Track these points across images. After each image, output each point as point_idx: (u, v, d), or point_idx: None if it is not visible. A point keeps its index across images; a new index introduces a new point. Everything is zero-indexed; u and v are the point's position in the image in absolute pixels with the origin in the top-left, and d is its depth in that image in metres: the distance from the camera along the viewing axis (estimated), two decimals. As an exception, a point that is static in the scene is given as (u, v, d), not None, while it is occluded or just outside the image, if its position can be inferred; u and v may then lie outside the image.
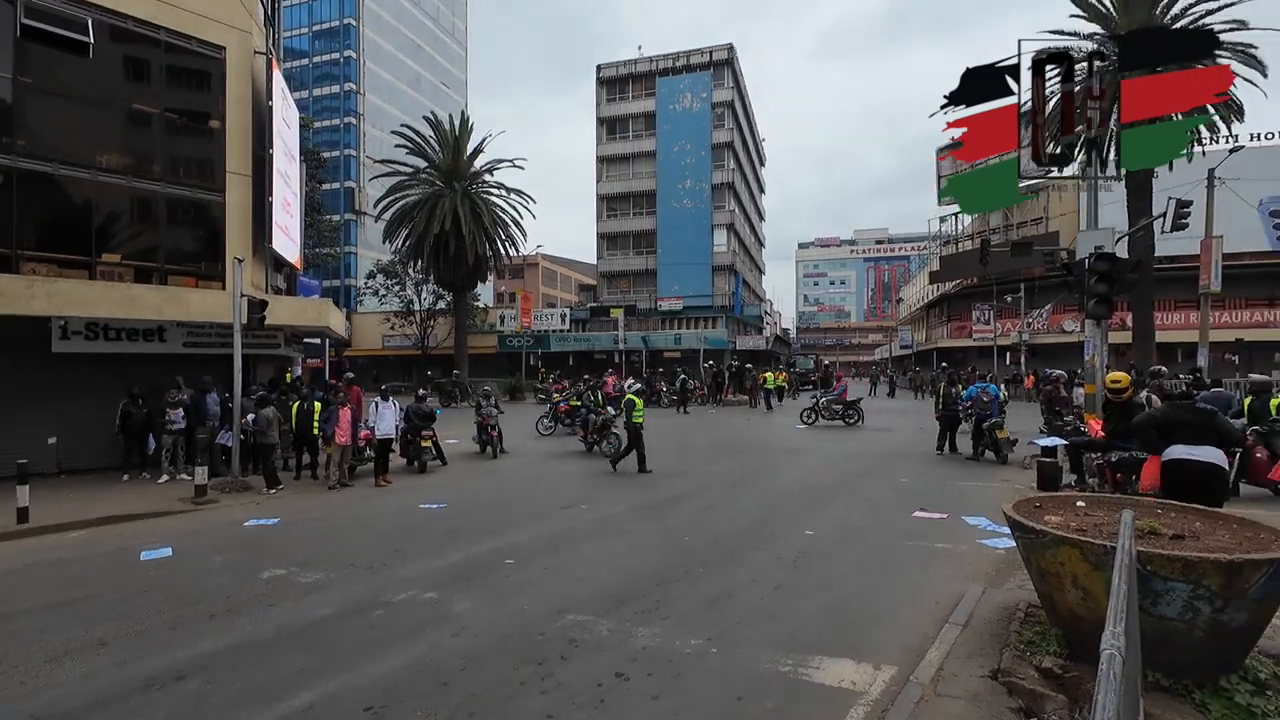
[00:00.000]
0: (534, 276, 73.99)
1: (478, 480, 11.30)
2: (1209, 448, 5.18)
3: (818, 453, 13.91)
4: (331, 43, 57.54)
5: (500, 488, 10.51)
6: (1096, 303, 10.08)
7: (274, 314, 11.89)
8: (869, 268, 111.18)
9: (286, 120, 14.80)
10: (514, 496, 9.70)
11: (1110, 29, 23.53)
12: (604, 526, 7.69)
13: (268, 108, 13.19)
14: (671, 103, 44.66)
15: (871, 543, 6.76)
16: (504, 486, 10.61)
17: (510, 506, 8.96)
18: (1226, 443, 5.25)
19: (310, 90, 57.23)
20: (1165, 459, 5.51)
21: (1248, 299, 30.78)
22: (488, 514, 8.54)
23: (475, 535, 7.36)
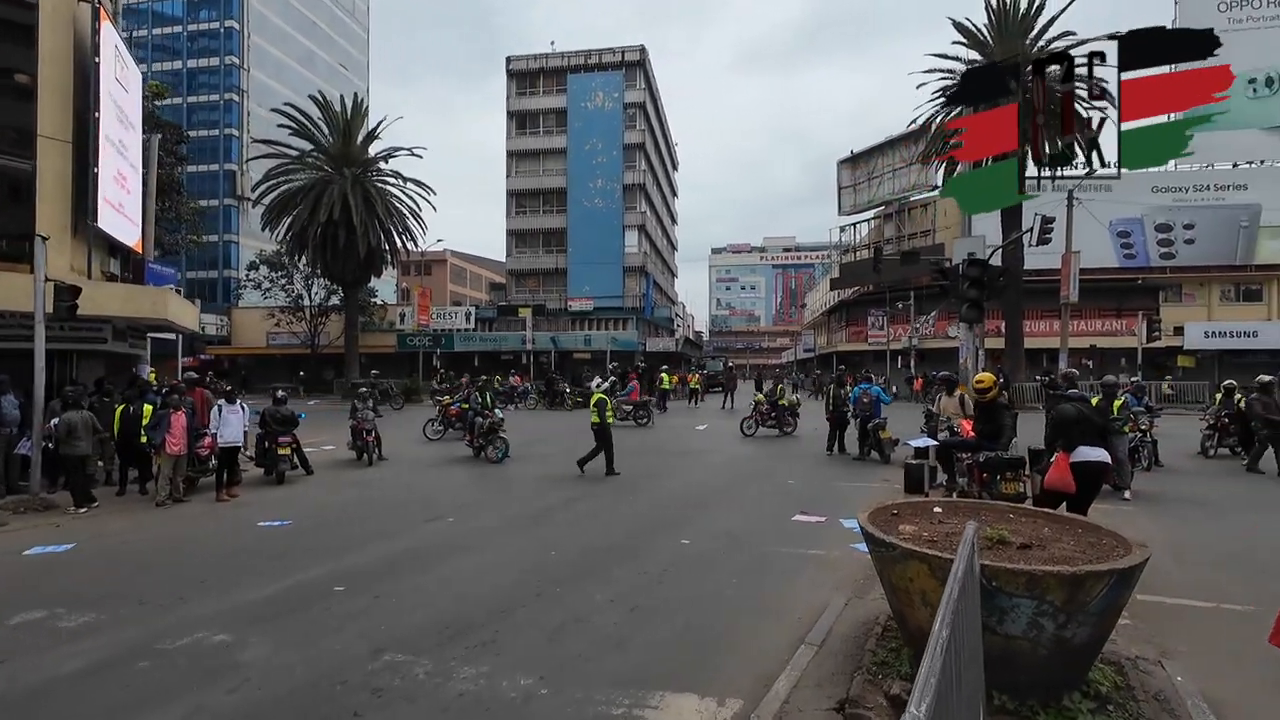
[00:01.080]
0: (441, 274, 71.02)
1: (340, 492, 10.18)
2: (1100, 448, 5.63)
3: (715, 454, 13.75)
4: (210, 10, 52.47)
5: (363, 500, 9.49)
6: (969, 307, 10.43)
7: (94, 303, 10.22)
8: (778, 274, 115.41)
9: (123, 83, 12.90)
10: (375, 510, 8.73)
11: (987, 55, 25.35)
12: (465, 542, 6.96)
13: (94, 65, 11.36)
14: (583, 100, 44.06)
15: (746, 551, 6.46)
16: (368, 498, 9.59)
17: (366, 522, 8.01)
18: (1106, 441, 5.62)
19: (185, 61, 51.93)
20: (1074, 460, 5.58)
21: (1100, 310, 34.11)
22: (336, 531, 7.57)
23: (310, 558, 6.41)
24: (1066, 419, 5.66)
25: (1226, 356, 32.35)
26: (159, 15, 53.24)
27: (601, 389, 12.08)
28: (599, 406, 11.25)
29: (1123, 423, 9.18)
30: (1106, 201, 30.26)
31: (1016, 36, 24.34)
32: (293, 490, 10.35)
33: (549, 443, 16.06)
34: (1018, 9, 24.23)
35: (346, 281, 31.21)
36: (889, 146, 42.15)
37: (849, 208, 46.79)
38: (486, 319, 44.20)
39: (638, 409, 20.89)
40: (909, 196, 41.34)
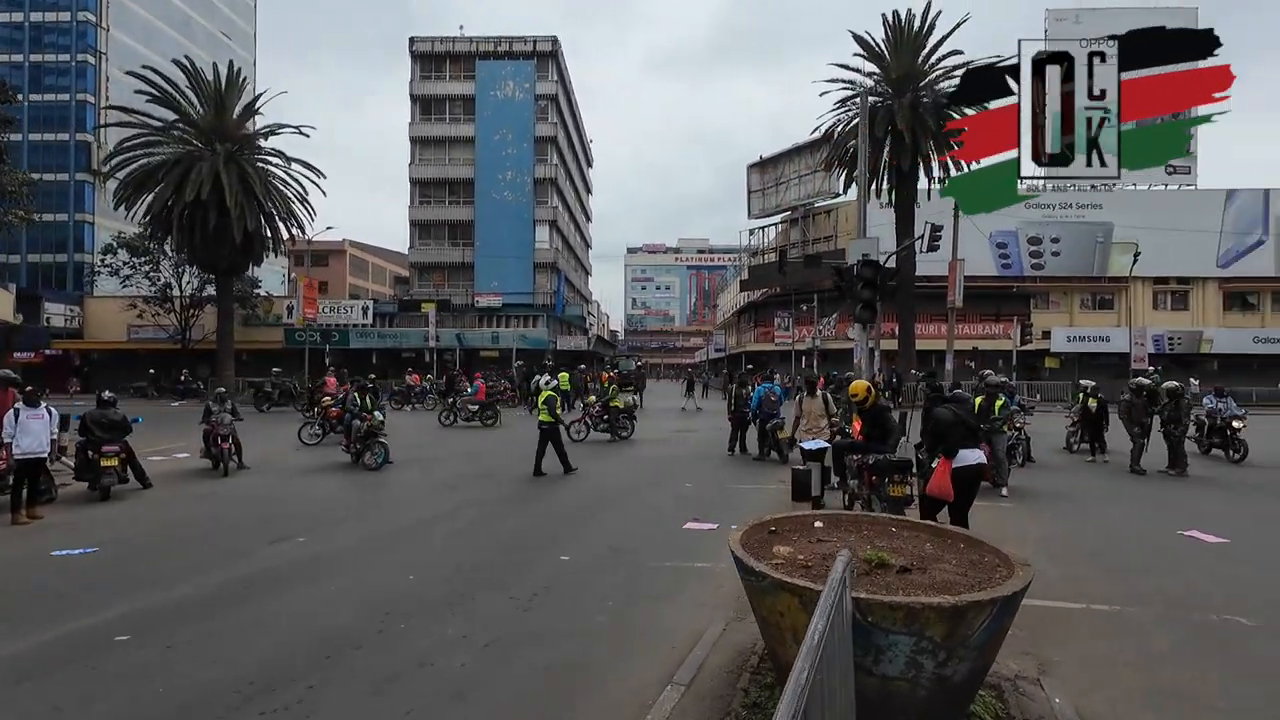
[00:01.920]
0: (340, 265, 66.49)
1: (177, 510, 8.78)
2: (976, 448, 5.62)
3: (616, 458, 13.25)
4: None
5: (202, 519, 8.19)
6: (862, 307, 10.54)
7: None
8: (692, 275, 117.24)
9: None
10: (213, 530, 7.52)
11: (884, 69, 26.52)
12: (311, 568, 6.02)
13: None
14: (492, 88, 42.42)
15: (629, 567, 5.95)
16: (210, 517, 8.30)
17: (196, 546, 6.84)
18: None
19: (27, 14, 45.39)
20: (955, 465, 5.43)
21: (981, 314, 36.75)
22: (153, 560, 6.37)
23: (103, 597, 5.27)
24: (947, 423, 5.56)
25: (1085, 358, 35.75)
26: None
27: (551, 386, 11.58)
28: (549, 404, 10.84)
29: (1002, 422, 9.50)
30: (988, 214, 32.53)
31: (910, 53, 25.57)
32: (117, 509, 8.83)
33: (441, 446, 15.00)
34: (911, 27, 25.45)
35: (219, 269, 28.17)
36: (795, 153, 43.48)
37: (758, 211, 47.92)
38: (386, 314, 41.66)
39: (484, 409, 19.80)
40: (814, 202, 42.83)
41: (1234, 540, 7.02)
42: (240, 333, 38.42)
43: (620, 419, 16.03)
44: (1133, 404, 11.64)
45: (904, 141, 24.16)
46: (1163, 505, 8.90)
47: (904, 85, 25.41)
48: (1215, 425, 13.08)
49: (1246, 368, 35.75)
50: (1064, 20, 39.86)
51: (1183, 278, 37.52)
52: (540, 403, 11.12)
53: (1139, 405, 11.57)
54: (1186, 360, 34.87)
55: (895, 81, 25.68)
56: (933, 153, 24.93)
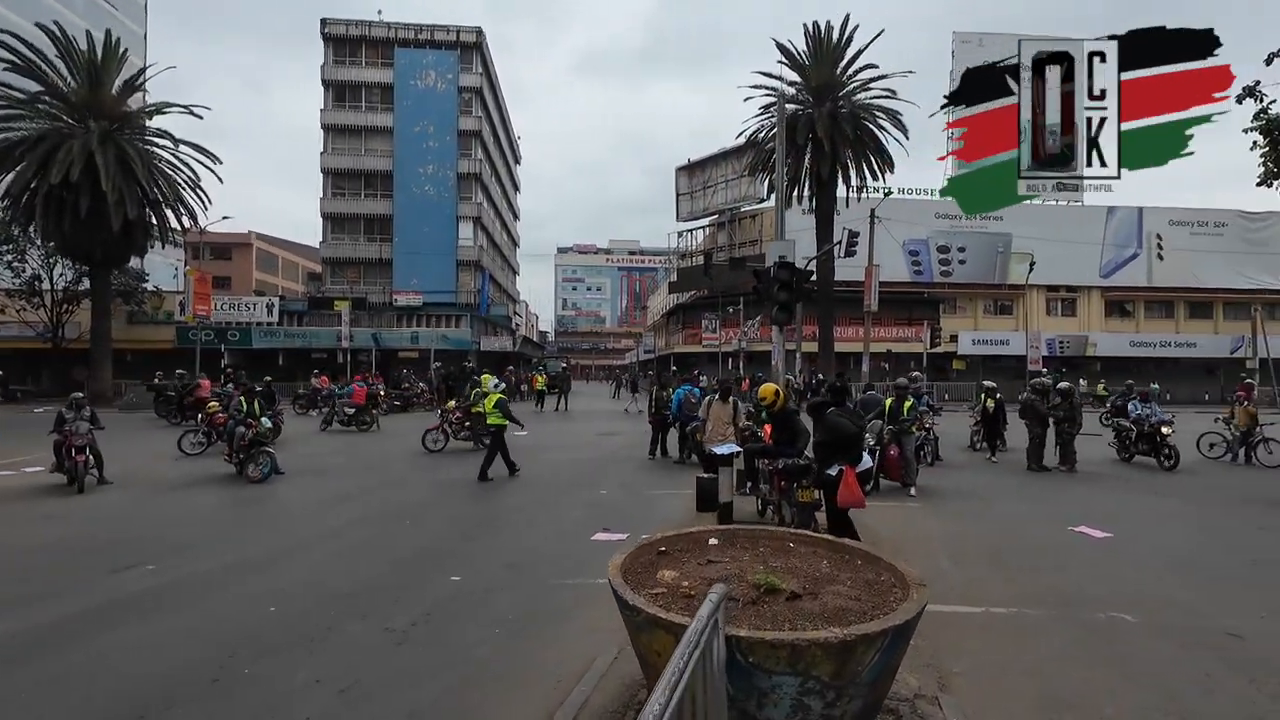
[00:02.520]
0: (245, 259, 62.07)
1: (8, 534, 7.56)
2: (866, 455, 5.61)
3: (534, 464, 12.69)
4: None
5: (39, 545, 7.05)
6: (779, 309, 10.50)
7: None
8: (623, 276, 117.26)
9: None
10: (45, 559, 6.46)
11: (805, 78, 27.17)
12: (151, 601, 5.21)
13: None
14: (413, 77, 40.61)
15: (525, 587, 5.50)
16: (48, 542, 7.16)
17: (20, 579, 5.82)
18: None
19: None
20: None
21: (895, 318, 38.48)
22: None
23: None
24: (851, 435, 5.45)
25: (988, 360, 38.10)
26: None
27: (500, 389, 11.39)
28: (500, 407, 10.70)
29: (911, 423, 9.68)
30: (901, 222, 34.08)
31: (829, 64, 26.31)
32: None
33: (343, 454, 13.94)
34: (831, 39, 26.19)
35: (94, 260, 25.34)
36: (722, 158, 44.08)
37: (686, 214, 48.28)
38: (295, 312, 39.05)
39: (359, 414, 18.46)
40: (740, 207, 43.56)
41: (1117, 535, 7.35)
42: (125, 331, 34.92)
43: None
44: (1033, 404, 12.11)
45: (823, 149, 24.79)
46: (1056, 501, 9.31)
47: (824, 94, 26.11)
48: (1143, 431, 12.50)
49: (1125, 369, 39.14)
50: (969, 43, 42.50)
51: (1071, 286, 40.70)
52: (490, 405, 10.90)
53: (1039, 405, 12.04)
54: (1074, 362, 37.82)
55: (815, 90, 26.35)
56: (850, 161, 25.74)
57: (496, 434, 10.70)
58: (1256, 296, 40.34)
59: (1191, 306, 41.83)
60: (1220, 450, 13.71)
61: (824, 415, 5.62)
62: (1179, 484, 10.90)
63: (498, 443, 10.68)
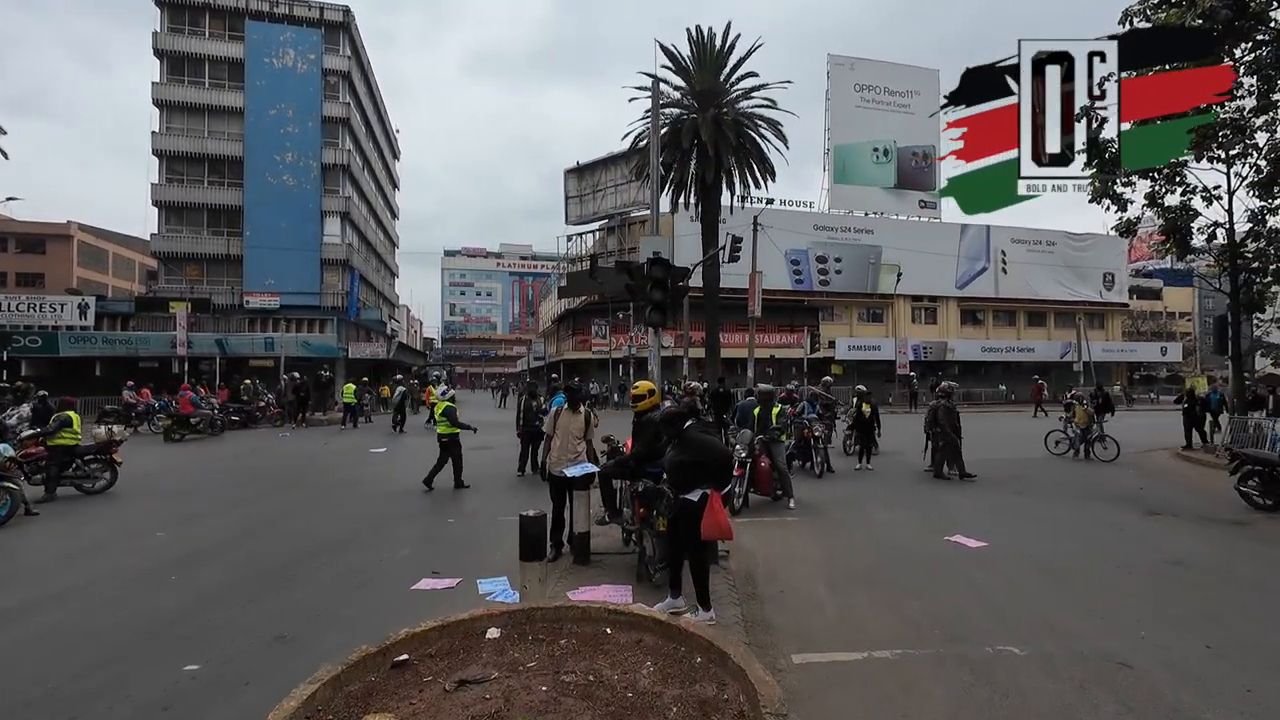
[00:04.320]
0: (64, 253, 53.50)
1: None
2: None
3: (373, 484, 10.95)
4: None
5: None
6: (653, 310, 9.60)
7: None
8: (515, 281, 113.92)
9: None
10: None
11: (689, 82, 27.04)
12: None
13: None
14: (267, 55, 36.43)
15: (282, 676, 4.06)
16: None
17: None
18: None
19: None
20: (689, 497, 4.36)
21: (778, 325, 39.58)
22: None
23: None
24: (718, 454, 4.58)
25: (863, 364, 40.15)
26: None
27: (448, 397, 11.29)
28: (447, 415, 10.43)
29: (781, 431, 9.10)
30: (783, 231, 35.03)
31: (712, 70, 26.33)
32: None
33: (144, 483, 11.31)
34: (714, 45, 26.24)
35: None
36: (611, 162, 43.51)
37: (575, 218, 47.24)
38: (119, 314, 33.62)
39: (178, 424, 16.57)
40: (629, 211, 43.17)
41: (992, 542, 7.08)
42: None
43: (69, 463, 10.04)
44: (943, 408, 11.43)
45: (708, 155, 24.67)
46: (928, 508, 9.08)
47: (707, 100, 26.07)
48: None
49: (977, 372, 42.87)
50: (842, 65, 44.93)
51: (933, 296, 43.97)
52: (439, 414, 10.77)
53: (945, 409, 11.40)
54: (937, 366, 40.76)
55: (699, 96, 26.27)
56: (734, 167, 25.85)
57: (448, 443, 10.44)
58: (1079, 307, 45.72)
59: (1029, 315, 46.64)
60: (1064, 447, 14.60)
61: (684, 431, 4.68)
62: (1035, 482, 11.21)
63: (448, 452, 10.43)
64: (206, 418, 19.02)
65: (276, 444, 17.58)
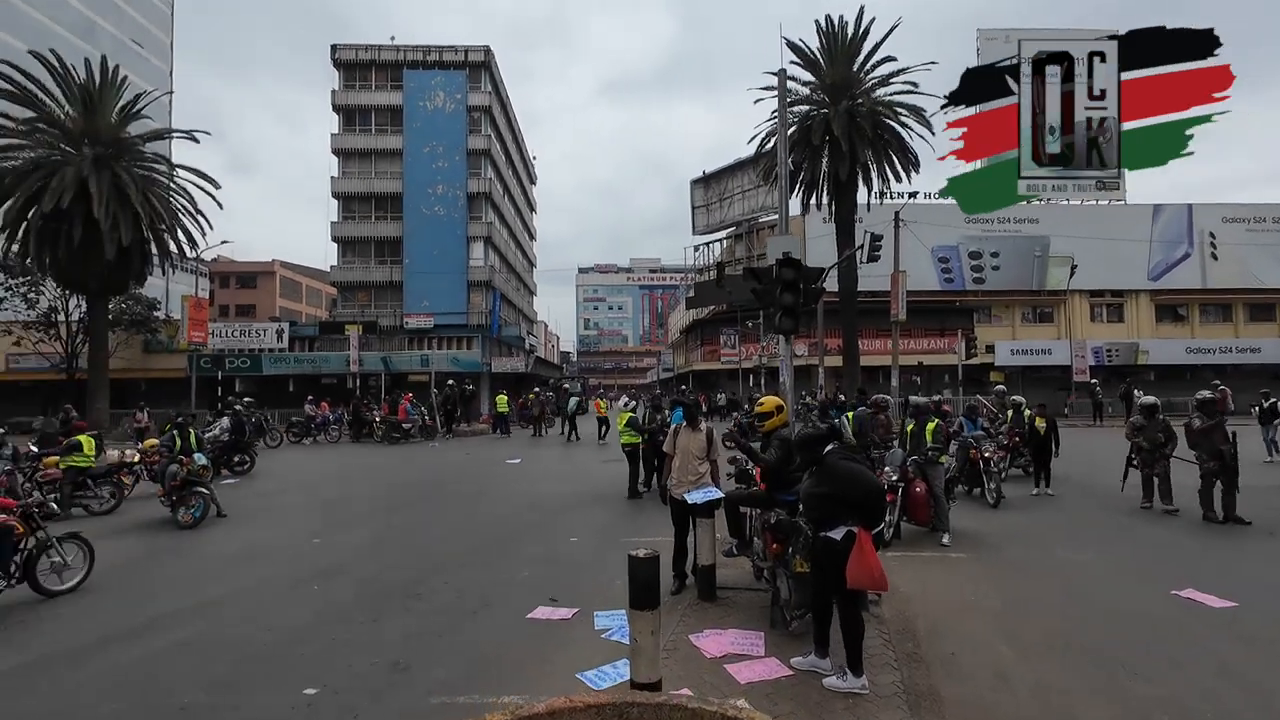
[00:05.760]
0: (269, 286, 62.73)
1: None
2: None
3: (504, 497, 11.15)
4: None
5: None
6: (783, 315, 8.79)
7: None
8: (644, 294, 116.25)
9: None
10: None
11: (819, 76, 25.64)
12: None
13: None
14: (421, 99, 40.25)
15: (395, 706, 3.88)
16: None
17: None
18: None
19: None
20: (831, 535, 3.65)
21: (925, 329, 36.18)
22: None
23: None
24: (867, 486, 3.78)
25: (1028, 371, 35.49)
26: None
27: (629, 408, 11.92)
28: (631, 426, 10.72)
29: (939, 451, 7.81)
30: (929, 225, 32.01)
31: (844, 60, 24.75)
32: None
33: (310, 490, 12.55)
34: (845, 34, 24.67)
35: (91, 289, 24.89)
36: (738, 168, 42.68)
37: (703, 227, 46.91)
38: (307, 337, 38.49)
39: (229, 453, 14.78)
40: (757, 217, 42.02)
41: (1242, 602, 5.44)
42: (140, 360, 34.75)
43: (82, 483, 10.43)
44: (1208, 426, 8.52)
45: (841, 150, 23.14)
46: (1144, 551, 7.35)
47: (840, 93, 24.53)
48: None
49: (1180, 378, 36.02)
50: (994, 39, 40.55)
51: (1117, 290, 37.93)
52: (622, 424, 11.05)
53: (1210, 428, 8.48)
54: (1125, 371, 34.96)
55: (831, 89, 24.80)
56: (871, 162, 24.03)
57: (632, 453, 10.74)
58: (1326, 296, 37.04)
59: (1252, 309, 38.60)
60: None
61: (824, 456, 3.93)
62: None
63: (638, 459, 10.68)
64: (416, 424, 21.79)
65: (427, 454, 18.88)
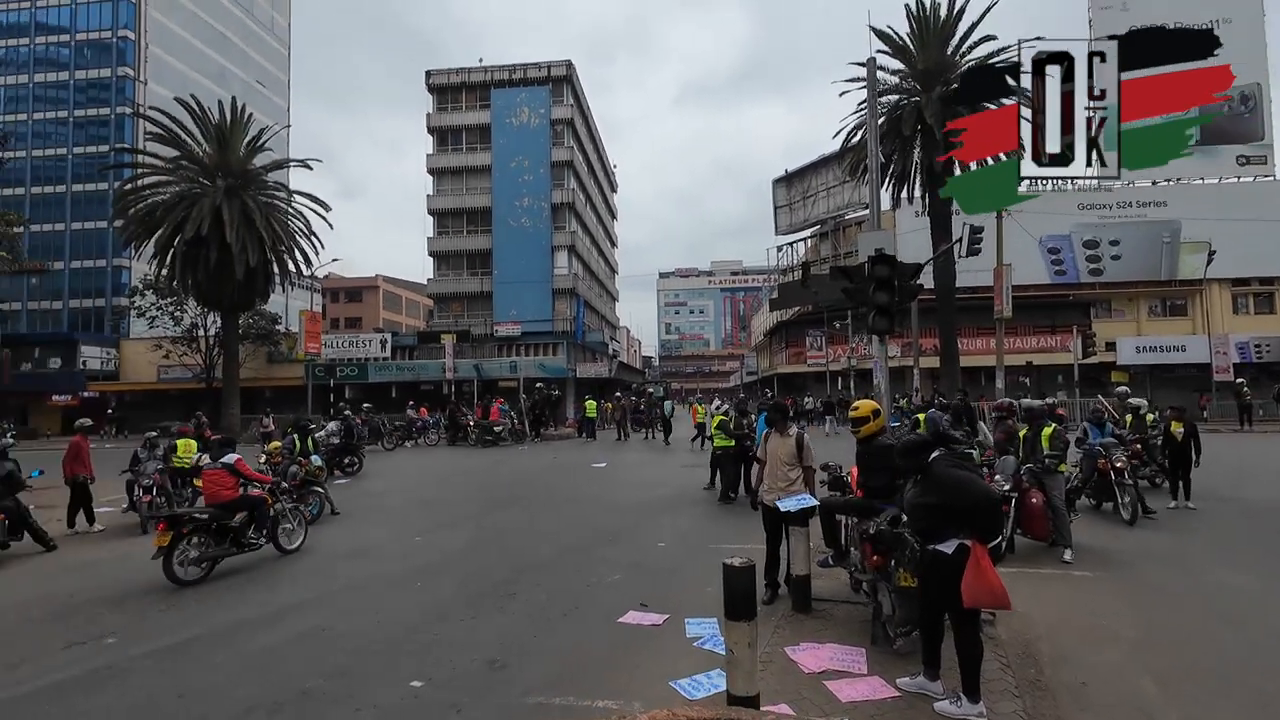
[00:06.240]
0: (373, 300, 67.44)
1: (43, 583, 7.26)
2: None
3: (591, 501, 11.30)
4: (101, 18, 48.45)
5: (42, 600, 6.60)
6: (877, 315, 8.37)
7: None
8: (726, 297, 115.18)
9: None
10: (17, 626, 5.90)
11: (910, 63, 24.41)
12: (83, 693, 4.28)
13: None
14: (508, 116, 41.96)
15: (493, 702, 3.97)
16: (57, 594, 6.72)
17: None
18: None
19: (72, 73, 47.66)
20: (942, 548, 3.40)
21: (1034, 326, 33.49)
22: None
23: None
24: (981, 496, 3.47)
25: (1158, 371, 32.04)
26: (41, 25, 48.97)
27: (721, 411, 11.85)
28: (721, 430, 10.70)
29: (1058, 459, 7.12)
30: (1036, 214, 29.60)
31: (937, 43, 23.43)
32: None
33: (412, 491, 13.29)
34: (938, 17, 23.36)
35: (224, 306, 27.75)
36: (822, 165, 41.47)
37: (785, 227, 45.91)
38: (406, 346, 40.99)
39: (340, 455, 15.26)
40: (843, 215, 40.61)
41: None
42: (265, 370, 38.36)
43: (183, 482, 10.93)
44: None
45: (934, 139, 21.86)
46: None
47: (932, 78, 23.23)
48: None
49: (1354, 376, 31.31)
50: (1109, 8, 37.08)
51: (1266, 278, 33.56)
52: (714, 428, 11.04)
53: None
54: (1277, 370, 30.79)
55: (922, 75, 23.54)
56: (969, 149, 22.55)
57: (722, 456, 10.74)
58: None
59: None
60: None
61: (930, 464, 3.66)
62: None
63: (735, 463, 10.66)
64: (506, 427, 22.78)
65: (517, 457, 19.52)
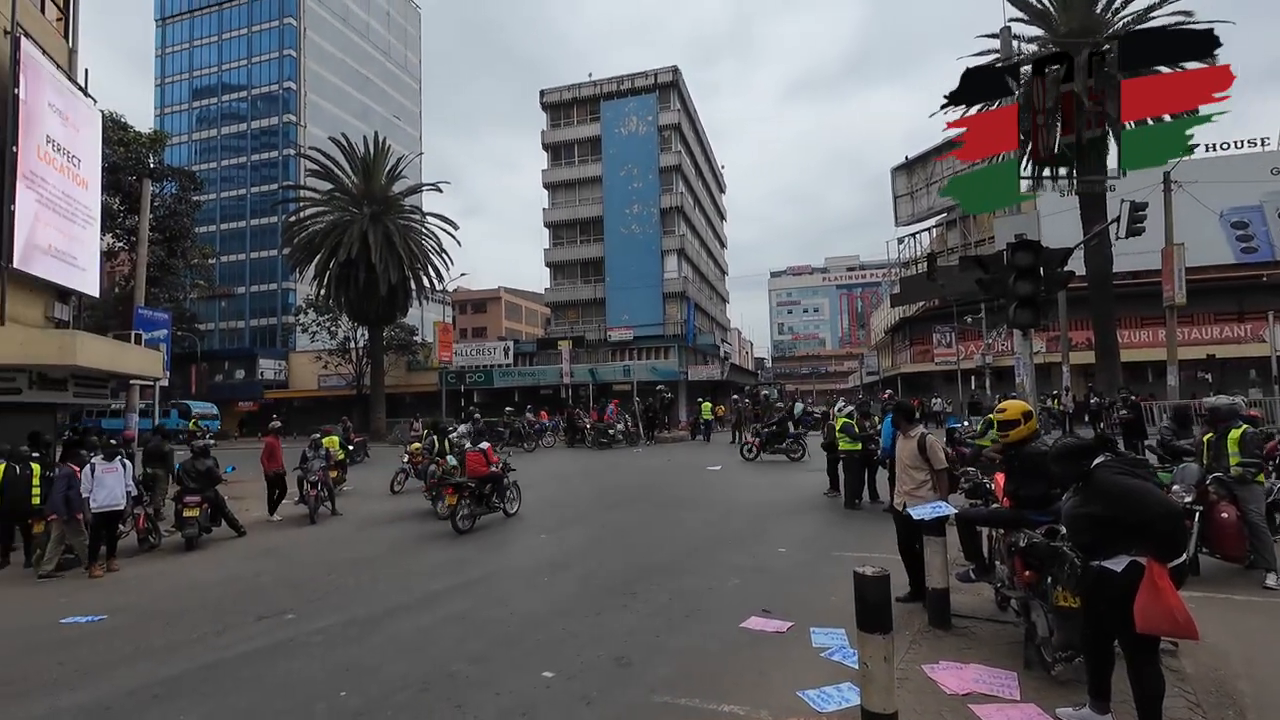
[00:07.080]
0: (496, 311, 71.90)
1: (229, 566, 8.47)
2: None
3: (707, 503, 11.25)
4: (271, 74, 55.83)
5: (234, 580, 7.69)
6: (1019, 307, 7.64)
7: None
8: (841, 295, 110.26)
9: (68, 118, 12.28)
10: (226, 598, 6.89)
11: (1052, 28, 22.10)
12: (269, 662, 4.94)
13: (13, 96, 10.64)
14: (617, 126, 43.03)
15: (623, 700, 4.06)
16: (245, 577, 7.80)
17: (190, 619, 6.17)
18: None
19: (249, 123, 55.23)
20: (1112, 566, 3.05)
21: (1215, 313, 28.99)
22: (143, 636, 5.73)
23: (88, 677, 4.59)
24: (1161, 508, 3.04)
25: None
26: (227, 85, 57.25)
27: (845, 413, 11.03)
28: (845, 432, 10.32)
29: (1255, 468, 6.05)
30: (1214, 184, 25.64)
31: (1082, 3, 21.02)
32: (178, 563, 8.76)
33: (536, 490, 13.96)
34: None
35: (371, 320, 30.83)
36: (946, 148, 38.52)
37: (906, 217, 43.17)
38: (527, 353, 43.23)
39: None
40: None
41: None
42: (405, 377, 42.15)
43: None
44: None
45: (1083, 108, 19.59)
46: None
47: (1078, 43, 20.84)
48: None
49: None
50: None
51: None
52: (838, 430, 10.65)
53: None
54: None
55: (1066, 38, 21.19)
56: (1124, 117, 19.99)
57: (845, 460, 10.37)
58: None
59: None
60: None
61: (1093, 470, 3.27)
62: None
63: (847, 469, 10.31)
64: (621, 429, 23.57)
65: (632, 458, 19.90)
